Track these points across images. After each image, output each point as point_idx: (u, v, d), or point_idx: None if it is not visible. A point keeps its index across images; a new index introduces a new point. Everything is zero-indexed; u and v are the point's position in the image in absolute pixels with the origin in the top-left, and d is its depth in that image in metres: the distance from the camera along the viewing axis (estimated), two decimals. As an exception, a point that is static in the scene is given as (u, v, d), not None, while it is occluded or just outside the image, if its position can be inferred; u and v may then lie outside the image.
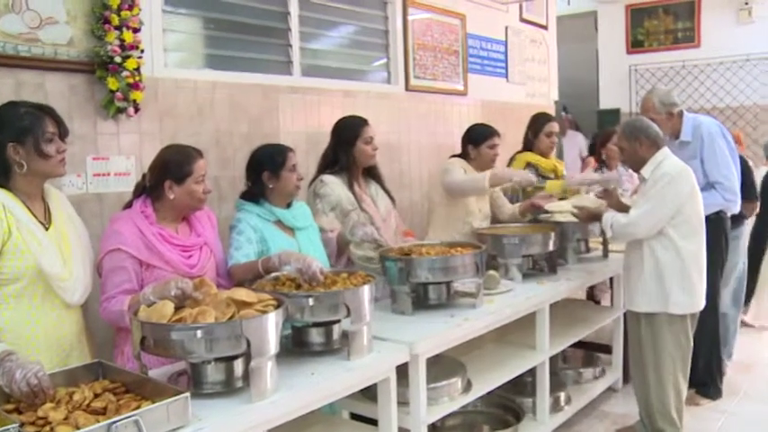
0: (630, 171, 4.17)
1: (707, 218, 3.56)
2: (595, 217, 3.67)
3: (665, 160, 3.37)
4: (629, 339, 3.65)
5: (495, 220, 4.18)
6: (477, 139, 4.05)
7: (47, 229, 2.29)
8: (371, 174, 3.58)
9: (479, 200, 4.01)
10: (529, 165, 4.43)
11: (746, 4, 7.59)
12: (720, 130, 3.98)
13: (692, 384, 3.87)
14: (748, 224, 4.81)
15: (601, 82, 8.58)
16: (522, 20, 6.46)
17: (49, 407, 1.74)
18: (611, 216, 3.45)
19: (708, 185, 3.86)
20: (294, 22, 4.23)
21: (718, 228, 3.92)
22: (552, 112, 6.63)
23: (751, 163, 4.88)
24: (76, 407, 1.75)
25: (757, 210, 4.84)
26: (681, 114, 3.98)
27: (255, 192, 2.95)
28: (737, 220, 4.32)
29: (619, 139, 3.52)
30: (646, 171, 3.40)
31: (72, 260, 2.32)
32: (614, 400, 4.26)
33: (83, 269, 2.37)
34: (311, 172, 3.52)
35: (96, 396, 1.85)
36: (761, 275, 5.78)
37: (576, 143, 7.94)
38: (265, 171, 2.92)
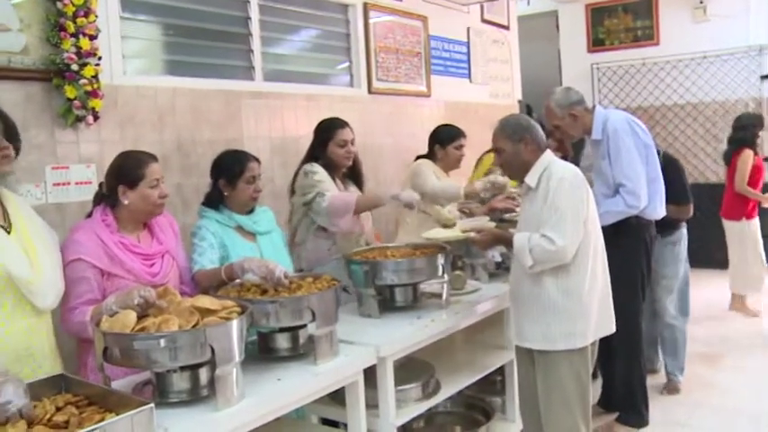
0: None
1: (622, 223, 3.39)
2: (500, 240, 3.01)
3: (553, 164, 2.83)
4: (519, 380, 3.13)
5: None
6: (445, 139, 4.11)
7: (8, 233, 2.22)
8: (353, 178, 3.67)
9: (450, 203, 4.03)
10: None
11: (701, 2, 7.73)
12: (629, 125, 3.55)
13: (612, 408, 3.80)
14: (686, 227, 4.29)
15: (564, 81, 8.64)
16: (484, 21, 6.53)
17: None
18: (526, 238, 2.74)
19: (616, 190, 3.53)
20: (255, 27, 4.22)
21: (634, 235, 3.56)
22: (516, 111, 6.69)
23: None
24: (37, 422, 1.72)
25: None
26: (591, 110, 3.61)
27: (214, 198, 2.93)
28: (672, 225, 4.04)
29: (496, 140, 2.91)
30: (531, 178, 2.83)
31: (40, 263, 2.23)
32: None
33: (52, 272, 2.28)
34: (276, 176, 3.52)
35: (58, 410, 1.80)
36: None
37: None
38: (222, 178, 2.91)
